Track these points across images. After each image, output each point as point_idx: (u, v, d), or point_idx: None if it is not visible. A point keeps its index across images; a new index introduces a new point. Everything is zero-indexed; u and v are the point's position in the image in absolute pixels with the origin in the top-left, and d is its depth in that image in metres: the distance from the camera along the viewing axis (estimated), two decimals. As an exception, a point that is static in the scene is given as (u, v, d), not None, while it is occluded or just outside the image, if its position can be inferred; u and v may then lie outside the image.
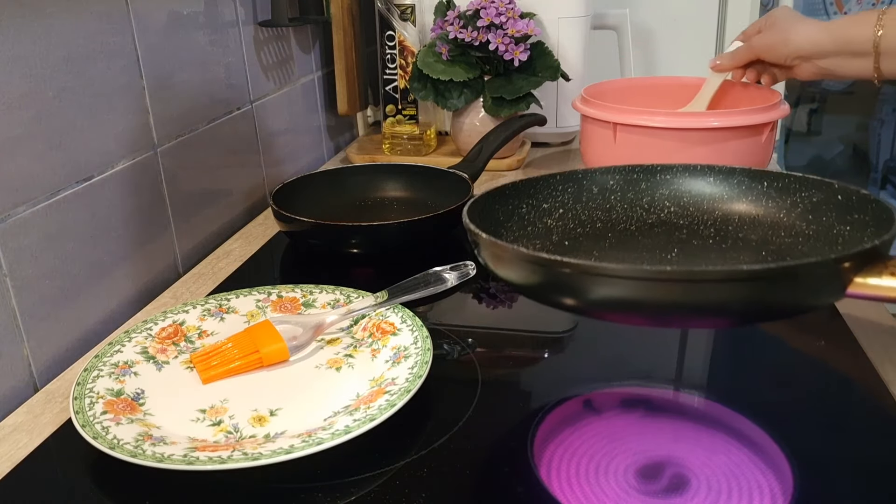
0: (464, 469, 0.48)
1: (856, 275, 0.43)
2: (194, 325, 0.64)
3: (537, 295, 0.50)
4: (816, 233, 0.55)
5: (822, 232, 0.54)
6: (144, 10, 0.74)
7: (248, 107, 0.95)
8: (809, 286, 0.43)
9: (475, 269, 0.69)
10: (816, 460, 0.48)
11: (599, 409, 0.54)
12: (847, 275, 0.43)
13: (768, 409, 0.53)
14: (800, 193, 0.57)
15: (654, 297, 0.43)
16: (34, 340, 0.61)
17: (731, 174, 0.61)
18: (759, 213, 0.59)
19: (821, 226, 0.55)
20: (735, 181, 0.61)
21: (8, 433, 0.54)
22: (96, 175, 0.68)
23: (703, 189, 0.62)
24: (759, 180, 0.60)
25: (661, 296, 0.43)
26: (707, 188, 0.62)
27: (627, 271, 0.43)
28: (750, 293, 0.42)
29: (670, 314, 0.46)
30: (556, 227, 0.62)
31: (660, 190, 0.63)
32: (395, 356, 0.58)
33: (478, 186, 0.96)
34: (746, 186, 0.60)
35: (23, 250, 0.60)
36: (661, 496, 0.45)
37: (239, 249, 0.85)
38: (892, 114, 2.68)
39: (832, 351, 0.62)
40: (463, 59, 1.05)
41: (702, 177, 0.62)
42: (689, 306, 0.44)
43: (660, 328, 0.66)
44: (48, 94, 0.62)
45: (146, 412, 0.53)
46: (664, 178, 0.63)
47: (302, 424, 0.52)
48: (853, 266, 0.43)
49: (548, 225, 0.61)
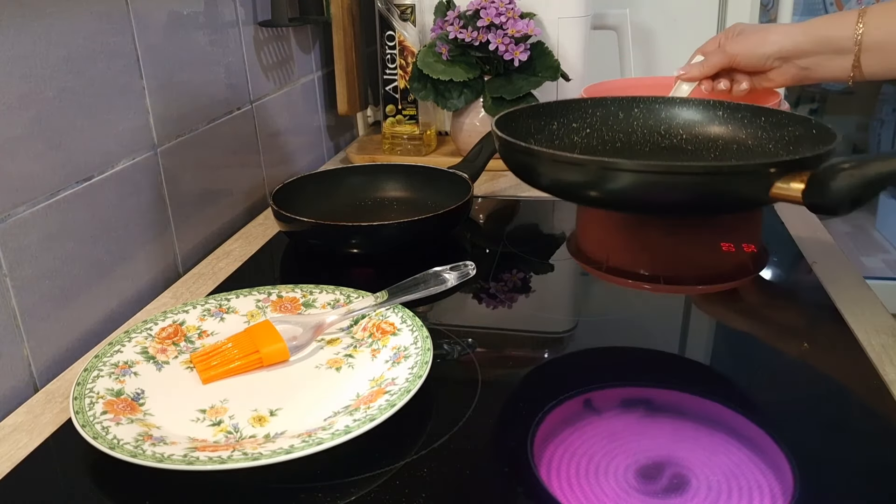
0: (464, 469, 0.48)
1: (778, 179, 0.55)
2: (194, 325, 0.64)
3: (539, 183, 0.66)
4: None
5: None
6: (144, 10, 0.74)
7: (248, 107, 0.95)
8: (745, 183, 0.56)
9: (475, 269, 0.69)
10: (816, 460, 0.48)
11: (599, 409, 0.54)
12: (772, 178, 0.56)
13: (768, 409, 0.53)
14: (787, 128, 0.69)
15: (609, 183, 0.56)
16: (34, 340, 0.61)
17: (737, 109, 0.72)
18: (753, 144, 0.71)
19: (798, 154, 0.64)
20: (739, 115, 0.72)
21: (8, 433, 0.54)
22: (96, 175, 0.68)
23: (712, 122, 0.73)
24: (759, 116, 0.71)
25: (624, 184, 0.56)
26: (716, 121, 0.73)
27: (585, 160, 0.56)
28: (702, 185, 0.56)
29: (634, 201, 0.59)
30: (581, 142, 0.72)
31: (675, 120, 0.74)
32: (395, 356, 0.58)
33: (478, 187, 0.96)
34: (748, 120, 0.72)
35: (23, 250, 0.60)
36: (661, 496, 0.45)
37: (239, 249, 0.85)
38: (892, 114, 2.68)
39: (832, 351, 0.62)
40: (463, 60, 1.05)
41: (713, 110, 0.73)
42: (651, 194, 0.57)
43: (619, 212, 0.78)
44: (48, 94, 0.62)
45: (146, 412, 0.53)
46: (681, 109, 0.74)
47: (302, 424, 0.52)
48: (777, 172, 0.55)
49: (574, 141, 0.72)
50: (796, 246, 0.80)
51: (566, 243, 0.85)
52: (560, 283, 0.78)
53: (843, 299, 0.68)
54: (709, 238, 0.84)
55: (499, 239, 0.86)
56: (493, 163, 0.99)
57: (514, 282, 0.75)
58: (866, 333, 0.63)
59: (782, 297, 0.73)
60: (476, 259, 0.71)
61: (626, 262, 0.82)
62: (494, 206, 0.97)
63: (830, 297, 0.69)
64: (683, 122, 0.75)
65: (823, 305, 0.68)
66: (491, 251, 0.82)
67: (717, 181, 0.56)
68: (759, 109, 0.72)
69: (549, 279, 0.78)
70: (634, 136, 0.74)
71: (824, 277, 0.73)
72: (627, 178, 0.56)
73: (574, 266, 0.80)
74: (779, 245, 0.82)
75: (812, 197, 0.54)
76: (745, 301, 0.72)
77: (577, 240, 0.87)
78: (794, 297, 0.73)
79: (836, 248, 0.80)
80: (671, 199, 0.57)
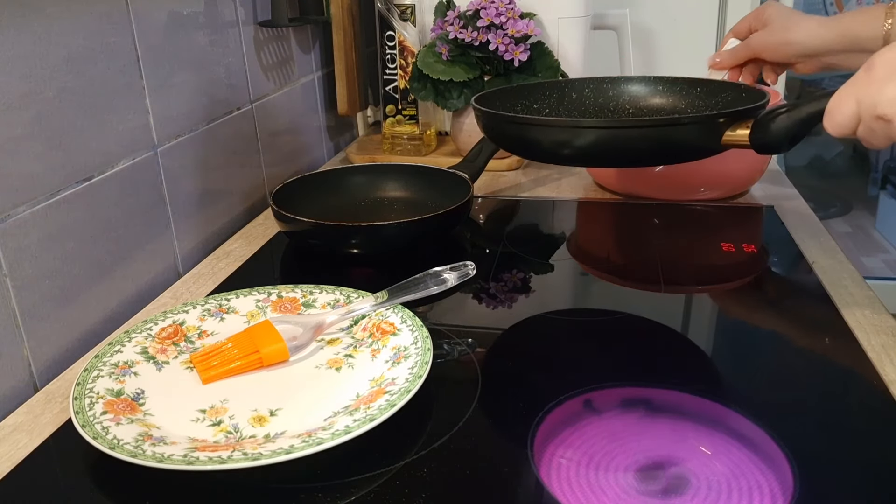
0: (464, 469, 0.48)
1: (727, 128, 0.63)
2: (194, 325, 0.64)
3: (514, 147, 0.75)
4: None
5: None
6: (144, 10, 0.74)
7: (248, 107, 0.95)
8: (700, 133, 0.64)
9: (475, 270, 0.69)
10: (816, 460, 0.48)
11: (599, 409, 0.54)
12: (722, 128, 0.63)
13: (768, 409, 0.53)
14: (720, 94, 0.77)
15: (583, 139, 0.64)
16: (34, 340, 0.61)
17: (675, 83, 0.81)
18: (691, 112, 0.78)
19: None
20: (678, 88, 0.81)
21: (8, 433, 0.54)
22: (96, 175, 0.68)
23: (654, 94, 0.82)
24: (695, 86, 0.80)
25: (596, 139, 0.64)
26: (657, 94, 0.82)
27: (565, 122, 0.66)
28: (664, 136, 0.64)
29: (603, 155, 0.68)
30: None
31: (623, 96, 0.83)
32: (395, 356, 0.58)
33: (478, 187, 0.96)
34: (686, 91, 0.80)
35: (23, 250, 0.60)
36: (661, 496, 0.45)
37: (239, 249, 0.85)
38: (893, 114, 2.67)
39: (832, 351, 0.62)
40: (463, 60, 1.05)
41: (654, 85, 0.82)
42: (619, 147, 0.65)
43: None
44: (48, 94, 0.62)
45: (146, 412, 0.53)
46: (626, 87, 0.83)
47: (302, 424, 0.52)
48: (726, 122, 0.63)
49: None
50: (796, 246, 0.80)
51: (566, 243, 0.85)
52: (560, 283, 0.78)
53: (843, 299, 0.68)
54: (709, 238, 0.84)
55: (499, 239, 0.86)
56: (493, 163, 0.99)
57: (514, 282, 0.75)
58: (866, 333, 0.63)
59: (782, 297, 0.73)
60: (476, 259, 0.71)
61: (626, 262, 0.82)
62: (494, 206, 0.97)
63: (830, 297, 0.69)
64: (629, 98, 0.83)
65: (823, 305, 0.68)
66: (491, 251, 0.82)
67: (678, 132, 0.64)
68: (695, 81, 0.80)
69: (549, 279, 0.78)
70: (588, 113, 0.82)
71: (824, 277, 0.73)
72: (600, 134, 0.64)
73: (574, 266, 0.81)
74: (779, 245, 0.82)
75: (757, 139, 0.62)
76: (745, 301, 0.72)
77: (577, 240, 0.87)
78: (794, 298, 0.73)
79: (836, 248, 0.80)
80: (636, 151, 0.65)
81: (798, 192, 0.99)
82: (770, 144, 0.62)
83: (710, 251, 0.80)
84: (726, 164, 0.93)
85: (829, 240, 0.82)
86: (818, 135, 2.17)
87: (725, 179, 0.94)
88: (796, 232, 0.84)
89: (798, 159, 2.78)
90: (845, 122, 0.54)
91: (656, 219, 0.91)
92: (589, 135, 0.65)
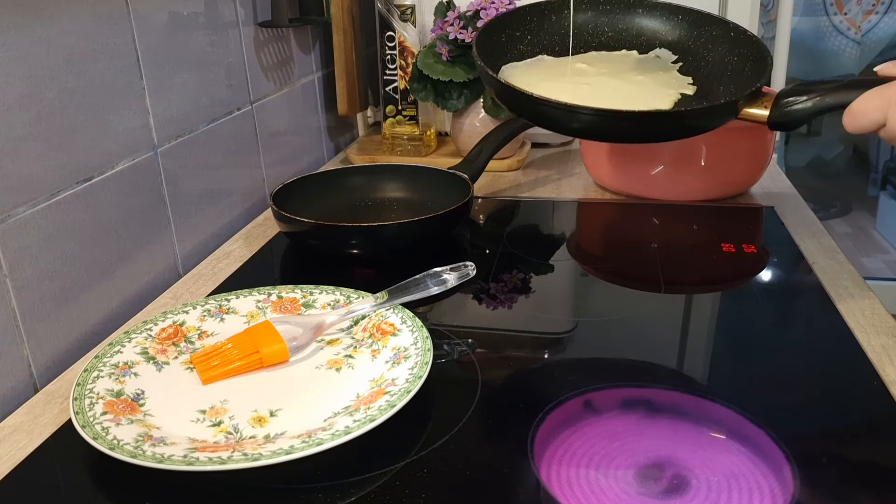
0: (464, 469, 0.48)
1: (745, 106, 0.62)
2: (194, 325, 0.64)
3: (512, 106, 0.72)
4: (714, 59, 0.72)
5: (717, 59, 0.72)
6: (144, 10, 0.74)
7: (248, 107, 0.95)
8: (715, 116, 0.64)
9: (475, 270, 0.69)
10: (816, 460, 0.48)
11: (599, 409, 0.54)
12: (739, 106, 0.62)
13: (768, 409, 0.53)
14: (705, 27, 0.74)
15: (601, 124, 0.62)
16: (34, 340, 0.62)
17: (655, 8, 0.77)
18: (673, 40, 0.76)
19: (717, 55, 0.72)
20: (658, 13, 0.77)
21: (8, 434, 0.54)
22: (96, 175, 0.68)
23: (636, 16, 0.79)
24: (676, 13, 0.76)
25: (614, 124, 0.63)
26: (636, 18, 0.78)
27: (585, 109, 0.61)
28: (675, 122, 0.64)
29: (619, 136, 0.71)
30: (525, 50, 0.77)
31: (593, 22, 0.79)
32: (395, 357, 0.58)
33: (478, 187, 0.96)
34: (666, 18, 0.77)
35: (23, 250, 0.60)
36: (661, 497, 0.45)
37: (239, 250, 0.85)
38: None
39: (832, 351, 0.62)
40: (463, 60, 1.05)
41: (634, 9, 0.78)
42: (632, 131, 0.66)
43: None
44: (48, 94, 0.62)
45: (146, 413, 0.53)
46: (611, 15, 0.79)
47: (302, 425, 0.52)
48: (743, 102, 0.62)
49: (519, 49, 0.77)
50: (796, 246, 0.80)
51: (566, 243, 0.85)
52: (560, 283, 0.78)
53: (844, 300, 0.68)
54: (709, 238, 0.84)
55: (499, 239, 0.86)
56: (493, 163, 0.99)
57: (514, 282, 0.75)
58: (866, 333, 0.63)
59: (783, 297, 0.73)
60: (476, 259, 0.71)
61: (626, 262, 0.82)
62: (494, 207, 0.97)
63: (830, 298, 0.69)
64: (611, 24, 0.79)
65: (823, 306, 0.68)
66: (491, 251, 0.82)
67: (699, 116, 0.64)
68: (676, 8, 0.77)
69: (549, 279, 0.78)
70: (569, 39, 0.79)
71: (824, 278, 0.73)
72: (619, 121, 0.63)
73: (574, 266, 0.81)
74: (779, 246, 0.82)
75: (775, 120, 0.62)
76: (745, 301, 0.72)
77: (577, 240, 0.87)
78: (795, 298, 0.73)
79: (837, 248, 0.80)
80: (651, 133, 0.67)
81: (798, 193, 0.99)
82: (786, 125, 0.63)
83: (710, 251, 0.80)
84: (726, 164, 0.93)
85: (830, 240, 0.82)
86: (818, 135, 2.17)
87: (725, 179, 0.94)
88: (796, 232, 0.84)
89: (798, 160, 2.78)
90: (866, 126, 0.54)
91: (656, 219, 0.91)
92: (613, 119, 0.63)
